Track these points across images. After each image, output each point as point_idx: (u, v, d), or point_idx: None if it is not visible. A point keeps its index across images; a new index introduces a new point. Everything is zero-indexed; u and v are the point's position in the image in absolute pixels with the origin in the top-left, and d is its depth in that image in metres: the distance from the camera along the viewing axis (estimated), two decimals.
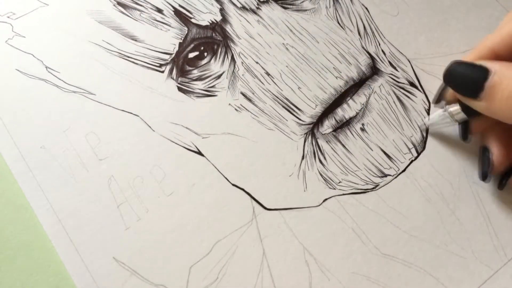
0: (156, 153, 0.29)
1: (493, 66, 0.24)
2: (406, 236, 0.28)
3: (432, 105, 0.31)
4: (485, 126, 0.28)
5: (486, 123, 0.28)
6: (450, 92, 0.28)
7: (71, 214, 0.27)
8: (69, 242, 0.27)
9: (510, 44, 0.25)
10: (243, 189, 0.29)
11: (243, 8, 0.33)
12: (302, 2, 0.33)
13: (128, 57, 0.31)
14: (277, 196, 0.29)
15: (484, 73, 0.24)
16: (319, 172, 0.29)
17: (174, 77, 0.31)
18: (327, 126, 0.30)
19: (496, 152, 0.27)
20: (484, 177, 0.28)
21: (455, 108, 0.28)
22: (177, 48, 0.31)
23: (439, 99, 0.29)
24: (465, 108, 0.27)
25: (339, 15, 0.33)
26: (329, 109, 0.30)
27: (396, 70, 0.32)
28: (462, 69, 0.25)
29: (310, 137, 0.30)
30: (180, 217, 0.28)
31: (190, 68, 0.31)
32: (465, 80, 0.25)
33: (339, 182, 0.29)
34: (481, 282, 0.27)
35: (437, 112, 0.29)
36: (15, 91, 0.30)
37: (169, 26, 0.32)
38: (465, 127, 0.28)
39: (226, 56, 0.31)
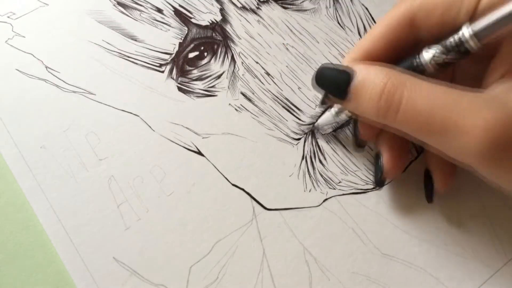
0: (156, 153, 0.29)
1: (357, 68, 0.24)
2: (406, 236, 0.28)
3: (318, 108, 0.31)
4: (372, 131, 0.28)
5: (372, 128, 0.28)
6: None
7: (71, 214, 0.27)
8: (69, 242, 0.27)
9: (381, 46, 0.25)
10: (243, 189, 0.29)
11: (243, 8, 0.33)
12: (302, 2, 0.33)
13: (128, 57, 0.31)
14: (277, 196, 0.29)
15: (348, 75, 0.24)
16: (319, 172, 0.29)
17: (174, 77, 0.31)
18: (327, 126, 0.30)
19: (386, 157, 0.27)
20: (378, 182, 0.28)
21: (338, 107, 0.28)
22: (177, 48, 0.31)
23: (324, 101, 0.29)
24: None
25: (339, 15, 0.33)
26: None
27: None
28: (328, 72, 0.25)
29: (310, 137, 0.30)
30: (180, 217, 0.28)
31: (190, 68, 0.31)
32: (332, 83, 0.25)
33: (339, 182, 0.29)
34: (481, 282, 0.27)
35: (325, 114, 0.29)
36: (15, 91, 0.30)
37: (169, 26, 0.32)
38: (357, 136, 0.28)
39: (226, 56, 0.31)
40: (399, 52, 0.26)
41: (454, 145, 0.21)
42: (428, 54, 0.24)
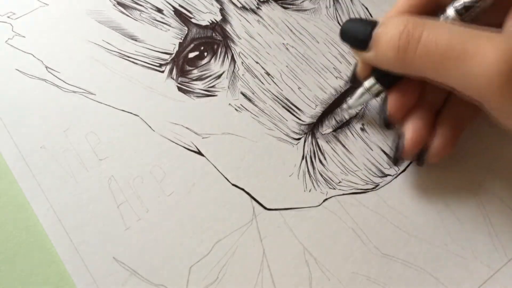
0: (156, 153, 0.29)
1: (382, 18, 0.25)
2: (406, 236, 0.28)
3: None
4: (402, 108, 0.28)
5: (403, 104, 0.28)
6: (361, 66, 0.29)
7: (71, 214, 0.27)
8: (69, 242, 0.27)
9: (415, 4, 0.27)
10: (243, 189, 0.29)
11: (243, 8, 0.33)
12: (302, 2, 0.33)
13: (128, 57, 0.31)
14: (277, 196, 0.29)
15: (371, 25, 0.25)
16: (319, 172, 0.29)
17: (174, 77, 0.31)
18: (327, 126, 0.30)
19: (408, 137, 0.28)
20: (395, 160, 0.29)
21: (369, 80, 0.28)
22: (177, 48, 0.31)
23: (354, 77, 0.30)
24: (379, 78, 0.27)
25: (339, 15, 0.33)
26: (329, 109, 0.30)
27: None
28: (353, 23, 0.26)
29: (310, 137, 0.30)
30: (180, 217, 0.28)
31: (190, 68, 0.31)
32: (356, 33, 0.26)
33: (339, 182, 0.29)
34: (481, 282, 0.27)
35: (357, 91, 0.29)
36: (15, 91, 0.30)
37: (169, 26, 0.32)
38: (385, 114, 0.28)
39: (226, 56, 0.31)
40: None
41: (470, 72, 0.22)
42: (450, 7, 0.25)
